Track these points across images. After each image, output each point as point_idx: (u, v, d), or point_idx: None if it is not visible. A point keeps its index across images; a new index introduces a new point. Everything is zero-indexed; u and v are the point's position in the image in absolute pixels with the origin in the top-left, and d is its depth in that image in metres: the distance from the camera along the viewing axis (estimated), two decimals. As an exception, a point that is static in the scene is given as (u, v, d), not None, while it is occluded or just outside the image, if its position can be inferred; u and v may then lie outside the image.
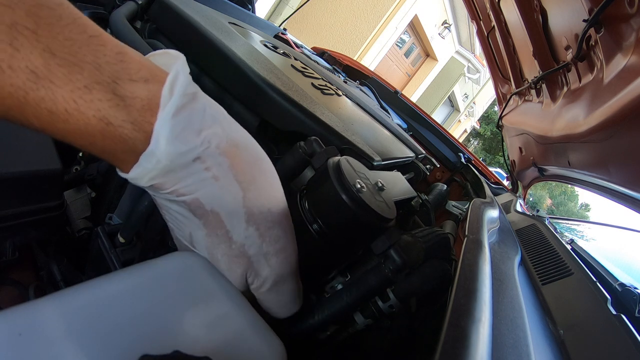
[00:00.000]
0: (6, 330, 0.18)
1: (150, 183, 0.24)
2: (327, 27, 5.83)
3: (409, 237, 0.37)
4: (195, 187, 0.25)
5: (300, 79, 0.66)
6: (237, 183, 0.26)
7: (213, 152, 0.25)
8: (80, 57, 0.20)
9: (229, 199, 0.26)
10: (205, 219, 0.26)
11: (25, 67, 0.18)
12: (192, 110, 0.24)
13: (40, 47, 0.19)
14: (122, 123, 0.22)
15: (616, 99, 0.57)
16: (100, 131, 0.21)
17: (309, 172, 0.39)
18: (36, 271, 0.47)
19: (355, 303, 0.34)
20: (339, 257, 0.36)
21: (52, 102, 0.19)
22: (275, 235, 0.28)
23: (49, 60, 0.19)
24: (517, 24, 1.02)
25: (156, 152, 0.23)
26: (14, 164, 0.35)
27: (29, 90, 0.19)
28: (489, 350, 0.25)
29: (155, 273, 0.25)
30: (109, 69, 0.21)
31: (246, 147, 0.27)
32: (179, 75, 0.23)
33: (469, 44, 9.48)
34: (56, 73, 0.19)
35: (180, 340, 0.21)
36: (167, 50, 0.26)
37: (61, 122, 0.20)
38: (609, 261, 0.72)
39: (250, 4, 1.53)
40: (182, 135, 0.23)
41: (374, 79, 1.69)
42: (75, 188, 0.53)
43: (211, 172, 0.25)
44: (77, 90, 0.20)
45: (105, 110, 0.21)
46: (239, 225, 0.26)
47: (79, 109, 0.20)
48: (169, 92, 0.23)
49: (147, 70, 0.23)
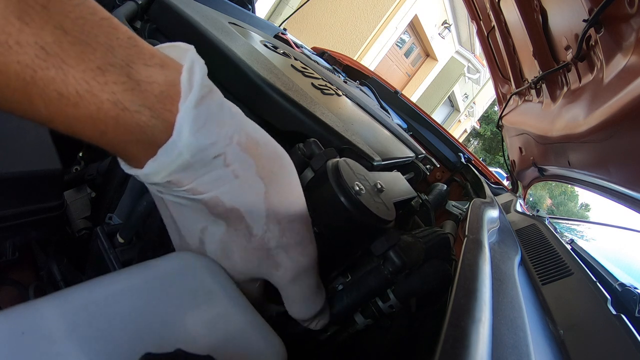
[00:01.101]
0: (7, 330, 0.18)
1: (167, 179, 0.23)
2: (327, 27, 5.83)
3: (409, 237, 0.37)
4: (214, 185, 0.24)
5: (300, 79, 0.66)
6: (259, 179, 0.25)
7: (234, 147, 0.24)
8: (92, 37, 0.18)
9: (250, 195, 0.25)
10: (224, 216, 0.25)
11: (34, 42, 0.17)
12: (212, 103, 0.22)
13: (51, 23, 0.17)
14: (139, 108, 0.20)
15: (616, 99, 0.57)
16: (113, 117, 0.19)
17: (309, 173, 0.39)
18: (36, 271, 0.47)
19: (355, 304, 0.34)
20: (339, 258, 0.36)
21: (63, 83, 0.18)
22: (296, 229, 0.27)
23: (61, 37, 0.17)
24: (517, 24, 1.02)
25: (178, 143, 0.21)
26: (14, 164, 0.35)
27: (38, 69, 0.17)
28: (489, 350, 0.25)
29: (155, 273, 0.25)
30: (122, 52, 0.19)
31: (266, 143, 0.27)
32: (195, 64, 0.22)
33: (469, 44, 9.48)
34: (68, 51, 0.18)
35: (181, 339, 0.21)
36: (176, 43, 0.25)
37: (71, 106, 0.18)
38: (609, 261, 0.72)
39: (250, 4, 1.53)
40: (205, 128, 0.22)
41: (374, 79, 1.69)
42: (75, 188, 0.53)
43: (231, 168, 0.24)
44: (89, 71, 0.18)
45: (120, 94, 0.19)
46: (260, 220, 0.26)
47: (91, 90, 0.18)
48: (188, 80, 0.21)
49: (160, 58, 0.21)
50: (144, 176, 0.23)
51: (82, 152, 0.57)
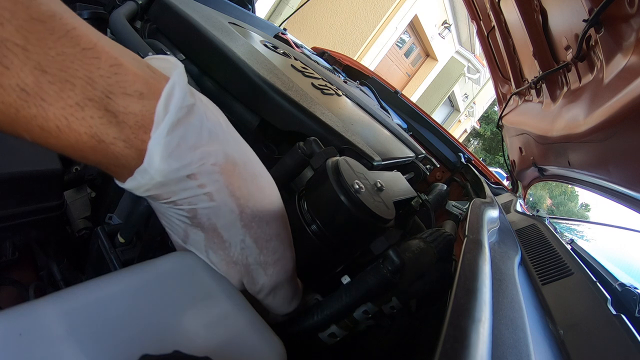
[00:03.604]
0: (6, 330, 0.18)
1: (146, 194, 0.24)
2: (327, 27, 5.83)
3: (421, 242, 0.37)
4: (191, 201, 0.25)
5: (300, 79, 0.66)
6: (233, 200, 0.26)
7: (208, 169, 0.24)
8: (72, 73, 0.19)
9: (225, 215, 0.26)
10: (203, 228, 0.26)
11: (15, 85, 0.18)
12: (188, 126, 0.23)
13: (30, 65, 0.18)
14: (114, 140, 0.21)
15: (616, 99, 0.57)
16: (91, 147, 0.21)
17: (309, 172, 0.39)
18: (36, 271, 0.47)
19: (355, 303, 0.34)
20: (339, 257, 0.36)
21: (44, 119, 0.19)
22: (273, 247, 0.28)
23: (40, 77, 0.19)
24: (517, 24, 1.02)
25: (149, 169, 0.22)
26: (14, 164, 0.35)
27: (20, 108, 0.19)
28: (489, 350, 0.25)
29: (155, 273, 0.25)
30: (102, 83, 0.20)
31: (244, 163, 0.27)
32: (175, 89, 0.23)
33: (469, 44, 9.48)
34: (47, 91, 0.19)
35: (180, 340, 0.21)
36: (166, 57, 0.26)
37: (53, 138, 0.20)
38: (609, 261, 0.73)
39: (250, 4, 1.53)
40: (177, 152, 0.23)
41: (374, 79, 1.69)
42: (75, 188, 0.53)
43: (206, 189, 0.25)
44: (68, 107, 0.20)
45: (97, 128, 0.21)
46: (236, 238, 0.27)
47: (70, 126, 0.20)
48: (164, 108, 0.22)
49: (143, 82, 0.22)
50: (128, 189, 0.24)
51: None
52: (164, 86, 0.23)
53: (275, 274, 0.29)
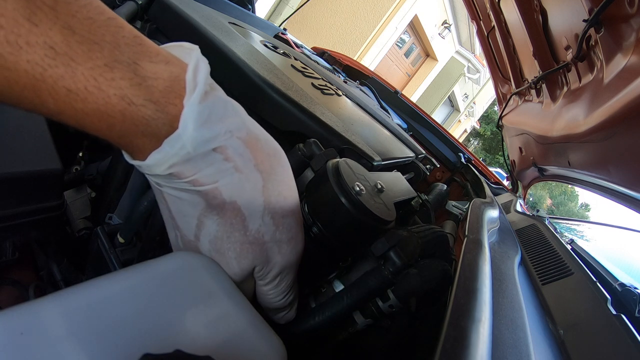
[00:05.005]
0: (7, 330, 0.18)
1: (170, 171, 0.24)
2: (327, 27, 5.83)
3: (405, 232, 0.37)
4: (215, 177, 0.25)
5: (300, 79, 0.66)
6: (258, 173, 0.26)
7: (235, 142, 0.25)
8: (99, 36, 0.19)
9: (248, 189, 0.26)
10: (221, 208, 0.26)
11: (43, 42, 0.18)
12: (215, 99, 0.24)
13: (59, 24, 0.18)
14: (145, 103, 0.21)
15: (616, 99, 0.57)
16: (120, 111, 0.20)
17: (309, 173, 0.39)
18: (36, 271, 0.47)
19: (356, 304, 0.34)
20: (339, 259, 0.36)
21: (71, 80, 0.19)
22: (289, 224, 0.28)
23: (69, 37, 0.18)
24: (517, 24, 1.02)
25: (183, 136, 0.22)
26: (14, 164, 0.35)
27: (47, 67, 0.18)
28: (489, 350, 0.25)
29: (155, 273, 0.25)
30: (128, 50, 0.20)
31: (265, 139, 0.28)
32: (200, 63, 0.23)
33: (469, 44, 9.48)
34: (76, 50, 0.19)
35: (181, 339, 0.21)
36: (181, 43, 0.26)
37: (80, 101, 0.19)
38: (609, 261, 0.73)
39: (250, 4, 1.53)
40: (208, 123, 0.23)
41: (374, 79, 1.69)
42: (75, 188, 0.53)
43: (232, 162, 0.25)
44: (97, 68, 0.19)
45: (126, 89, 0.20)
46: (257, 213, 0.27)
47: (99, 86, 0.19)
48: (193, 77, 0.22)
49: (165, 55, 0.22)
50: (146, 167, 0.24)
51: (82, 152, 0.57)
52: (187, 61, 0.23)
53: (288, 252, 0.29)
